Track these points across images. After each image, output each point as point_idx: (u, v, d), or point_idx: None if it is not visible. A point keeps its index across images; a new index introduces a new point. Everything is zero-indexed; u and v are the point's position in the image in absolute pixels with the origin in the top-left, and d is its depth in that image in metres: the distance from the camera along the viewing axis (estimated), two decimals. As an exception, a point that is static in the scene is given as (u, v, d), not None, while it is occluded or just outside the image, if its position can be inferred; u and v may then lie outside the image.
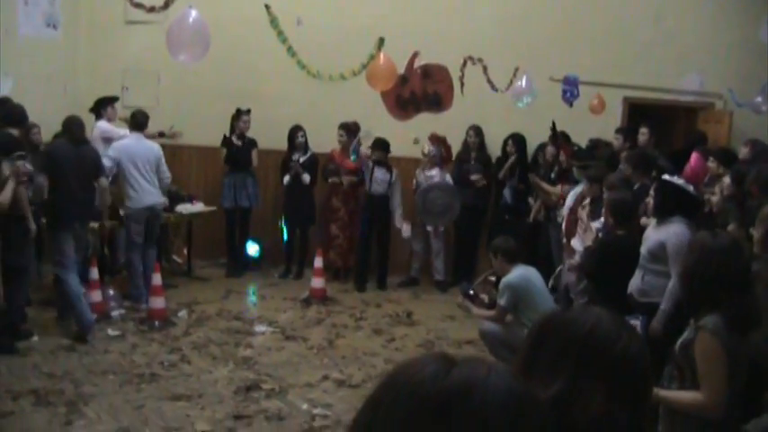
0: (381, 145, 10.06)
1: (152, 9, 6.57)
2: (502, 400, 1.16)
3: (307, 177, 10.17)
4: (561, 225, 8.45)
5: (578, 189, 8.15)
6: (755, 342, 3.68)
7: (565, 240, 8.22)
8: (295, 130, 10.26)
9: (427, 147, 10.05)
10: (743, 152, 8.15)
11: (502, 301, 6.85)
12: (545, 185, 9.36)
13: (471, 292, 7.50)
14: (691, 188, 5.95)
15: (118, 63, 10.89)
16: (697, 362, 3.43)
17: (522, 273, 6.94)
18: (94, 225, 8.56)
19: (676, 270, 5.11)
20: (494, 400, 1.16)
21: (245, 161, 10.24)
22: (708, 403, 3.39)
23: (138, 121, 8.81)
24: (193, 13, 6.18)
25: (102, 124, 9.28)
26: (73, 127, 7.83)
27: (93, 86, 10.34)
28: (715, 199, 6.67)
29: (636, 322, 5.28)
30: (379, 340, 8.12)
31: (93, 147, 8.24)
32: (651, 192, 6.03)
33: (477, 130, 10.44)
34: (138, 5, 6.84)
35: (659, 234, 5.69)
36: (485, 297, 7.42)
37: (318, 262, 9.56)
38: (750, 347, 3.56)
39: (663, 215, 5.74)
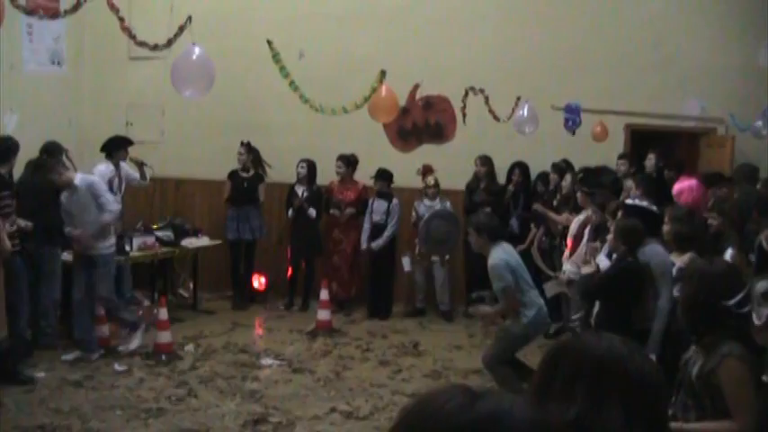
0: (383, 175, 10.12)
1: (155, 47, 6.65)
2: (526, 430, 1.20)
3: (313, 212, 10.22)
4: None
5: (582, 216, 8.19)
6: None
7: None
8: (300, 163, 10.34)
9: (432, 179, 10.10)
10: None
11: (503, 283, 6.70)
12: (551, 214, 9.38)
13: (474, 295, 7.42)
14: (654, 208, 6.11)
15: (122, 98, 10.99)
16: (726, 390, 3.39)
17: (508, 249, 6.93)
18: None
19: (665, 289, 5.20)
20: (519, 429, 1.19)
21: (248, 195, 10.28)
22: (743, 429, 3.36)
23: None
24: (197, 49, 6.25)
25: (104, 168, 9.26)
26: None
27: (98, 122, 10.44)
28: (715, 223, 6.72)
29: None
30: (386, 371, 8.10)
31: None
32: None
33: (484, 160, 10.47)
34: (142, 44, 6.89)
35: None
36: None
37: (324, 294, 9.56)
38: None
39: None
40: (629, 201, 6.47)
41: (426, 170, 10.20)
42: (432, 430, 1.19)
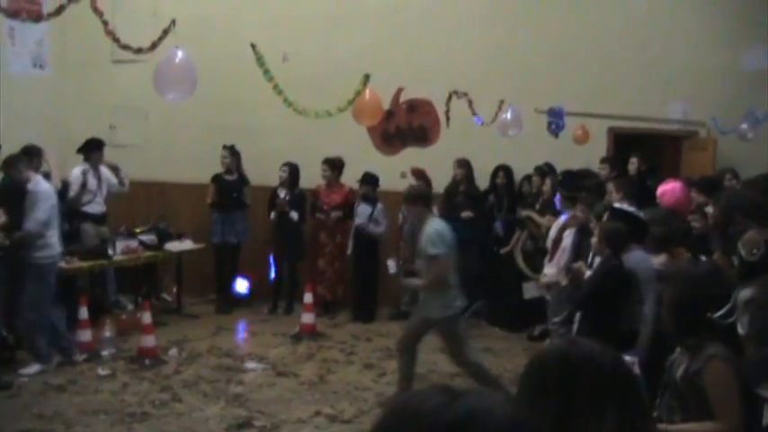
0: (369, 180, 10.13)
1: (139, 50, 6.61)
2: (507, 428, 1.20)
3: (295, 215, 10.23)
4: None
5: (561, 220, 8.22)
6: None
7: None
8: (282, 167, 10.34)
9: (413, 181, 10.10)
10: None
11: (439, 250, 6.67)
12: (537, 218, 9.41)
13: (407, 268, 7.49)
14: (641, 214, 6.13)
15: (106, 101, 10.96)
16: (710, 391, 3.40)
17: (446, 226, 6.97)
18: (86, 264, 8.57)
19: (650, 294, 5.24)
20: (499, 427, 1.20)
21: (233, 198, 10.28)
22: (728, 430, 3.39)
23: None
24: (180, 53, 6.24)
25: (76, 171, 9.34)
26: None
27: (82, 124, 10.40)
28: (697, 225, 6.77)
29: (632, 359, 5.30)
30: (370, 375, 8.12)
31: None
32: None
33: (462, 163, 10.49)
34: (126, 47, 6.86)
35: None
36: None
37: (308, 297, 9.56)
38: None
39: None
40: (616, 204, 6.49)
41: (416, 173, 10.20)
42: (412, 429, 1.19)
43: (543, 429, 1.56)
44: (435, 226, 6.79)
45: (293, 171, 10.36)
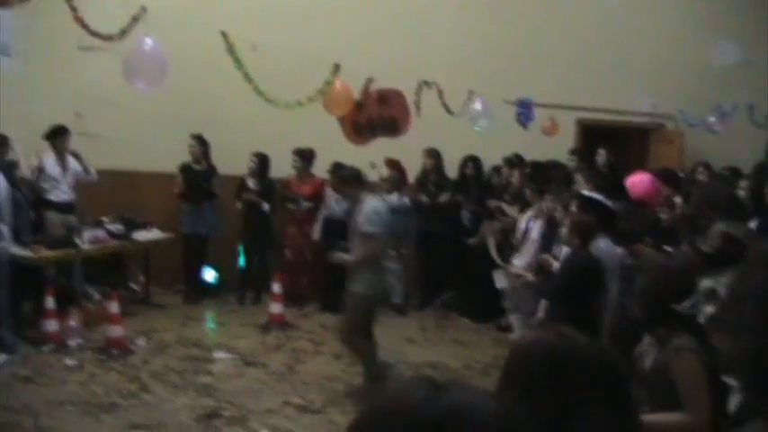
0: (339, 170, 10.10)
1: (109, 38, 6.55)
2: (492, 421, 1.20)
3: (266, 206, 10.19)
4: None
5: (531, 212, 8.27)
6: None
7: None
8: (251, 157, 10.30)
9: (385, 171, 10.12)
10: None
11: (376, 228, 6.76)
12: (507, 208, 9.45)
13: (336, 245, 7.57)
14: (610, 203, 6.20)
15: (74, 89, 10.81)
16: (679, 383, 3.43)
17: (381, 201, 7.09)
18: (52, 253, 8.49)
19: (613, 283, 5.30)
20: (485, 421, 1.19)
21: (202, 188, 10.21)
22: (696, 422, 3.39)
23: None
24: (150, 41, 6.20)
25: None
26: None
27: (49, 113, 10.24)
28: (666, 218, 6.85)
29: None
30: (339, 365, 8.11)
31: None
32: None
33: (431, 153, 10.52)
34: (95, 34, 6.81)
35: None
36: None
37: (277, 287, 9.55)
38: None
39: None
40: (585, 192, 6.56)
41: (390, 164, 10.20)
42: (396, 424, 1.18)
43: (531, 422, 1.56)
44: (374, 204, 6.89)
45: (262, 161, 10.31)
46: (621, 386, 1.83)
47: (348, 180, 7.16)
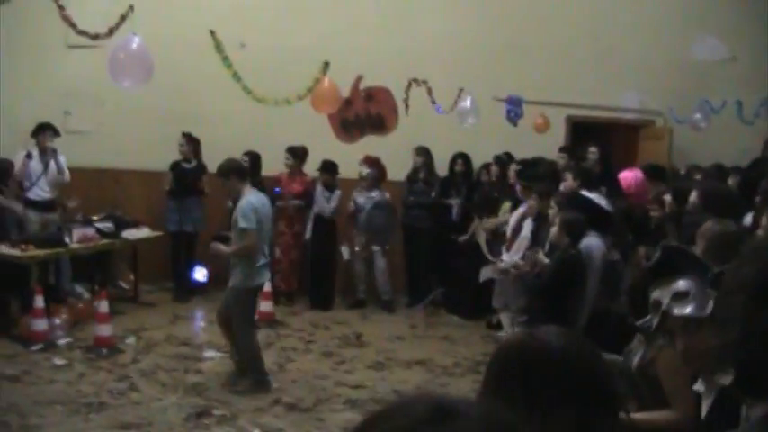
0: (328, 167, 10.10)
1: (96, 36, 6.53)
2: None
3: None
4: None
5: (521, 210, 8.27)
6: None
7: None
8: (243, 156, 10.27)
9: (365, 170, 10.11)
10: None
11: (247, 224, 6.80)
12: (492, 221, 9.38)
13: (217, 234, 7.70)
14: (603, 202, 6.21)
15: (60, 87, 10.75)
16: (664, 380, 3.45)
17: (261, 198, 7.13)
18: (41, 252, 8.46)
19: (592, 278, 5.32)
20: None
21: (191, 186, 10.17)
22: (682, 419, 3.41)
23: None
24: (136, 39, 6.18)
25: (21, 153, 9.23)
26: None
27: (35, 110, 10.20)
28: (656, 215, 6.86)
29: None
30: (328, 363, 8.11)
31: None
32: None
33: (421, 151, 10.52)
34: (82, 33, 6.79)
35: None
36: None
37: (266, 285, 9.51)
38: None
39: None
40: (583, 192, 6.59)
41: (369, 162, 10.20)
42: None
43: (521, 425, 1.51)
44: (250, 199, 6.91)
45: (254, 160, 10.27)
46: (596, 385, 1.82)
47: (225, 173, 7.03)
